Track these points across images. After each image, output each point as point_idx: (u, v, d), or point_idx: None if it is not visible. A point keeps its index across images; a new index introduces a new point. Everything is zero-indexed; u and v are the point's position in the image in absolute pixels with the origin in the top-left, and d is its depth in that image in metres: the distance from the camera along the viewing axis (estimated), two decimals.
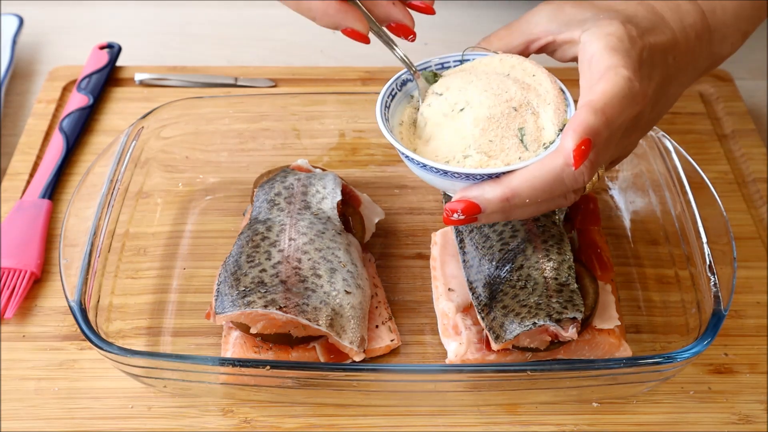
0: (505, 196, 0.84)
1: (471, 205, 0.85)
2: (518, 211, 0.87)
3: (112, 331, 0.99)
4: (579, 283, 0.97)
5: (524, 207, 0.86)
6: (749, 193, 1.19)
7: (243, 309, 0.92)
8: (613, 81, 0.84)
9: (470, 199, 0.85)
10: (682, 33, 0.94)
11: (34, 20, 1.47)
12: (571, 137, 0.81)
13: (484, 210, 0.85)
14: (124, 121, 1.27)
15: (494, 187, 0.85)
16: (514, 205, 0.85)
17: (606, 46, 0.87)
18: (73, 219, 0.99)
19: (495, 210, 0.85)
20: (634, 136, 0.93)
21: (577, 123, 0.82)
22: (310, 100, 1.22)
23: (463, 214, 0.85)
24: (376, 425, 0.95)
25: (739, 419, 0.95)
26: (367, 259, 1.08)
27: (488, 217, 0.86)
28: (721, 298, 0.92)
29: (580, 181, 0.84)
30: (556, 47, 0.94)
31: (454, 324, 0.99)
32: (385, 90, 0.94)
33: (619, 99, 0.83)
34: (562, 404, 0.96)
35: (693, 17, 0.95)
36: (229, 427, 0.94)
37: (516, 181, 0.84)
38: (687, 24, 0.94)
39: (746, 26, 1.00)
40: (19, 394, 0.96)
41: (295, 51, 1.47)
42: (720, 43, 0.98)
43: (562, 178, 0.83)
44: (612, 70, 0.85)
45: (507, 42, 0.96)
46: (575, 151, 0.81)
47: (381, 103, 0.92)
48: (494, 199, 0.84)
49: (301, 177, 1.09)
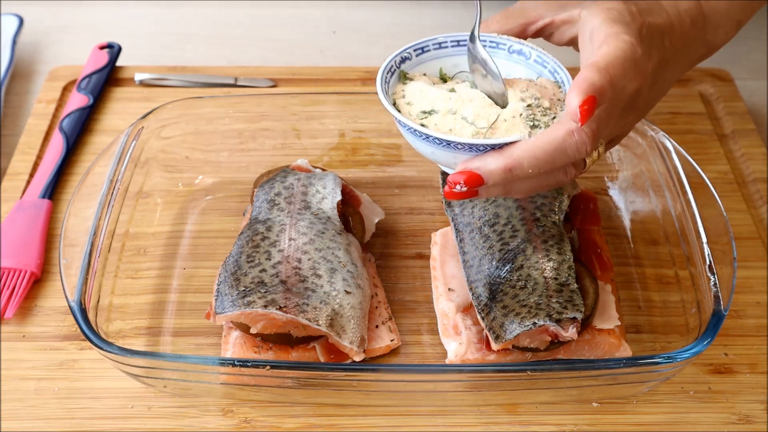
0: (508, 166, 0.84)
1: (473, 176, 0.85)
2: (520, 184, 0.87)
3: (112, 331, 0.99)
4: (579, 283, 0.97)
5: (526, 179, 0.86)
6: (749, 193, 1.19)
7: (243, 309, 0.92)
8: (615, 44, 0.85)
9: (473, 170, 0.85)
10: (678, 17, 0.94)
11: (34, 20, 1.48)
12: (576, 94, 0.81)
13: (487, 181, 0.85)
14: (124, 121, 1.27)
15: (497, 158, 0.85)
16: (516, 176, 0.85)
17: (607, 18, 0.87)
18: (73, 219, 0.99)
19: (497, 181, 0.85)
20: (632, 116, 0.93)
21: (581, 80, 0.82)
22: (310, 100, 1.22)
23: (465, 185, 0.85)
24: (376, 425, 0.95)
25: (739, 419, 0.95)
26: (367, 259, 1.08)
27: (489, 190, 0.86)
28: (721, 298, 0.92)
29: (582, 151, 0.84)
30: (554, 29, 0.95)
31: (454, 324, 0.99)
32: (384, 66, 0.94)
33: (621, 60, 0.84)
34: (562, 404, 0.96)
35: (688, 3, 0.96)
36: (229, 427, 0.94)
37: (518, 151, 0.84)
38: (682, 9, 0.95)
39: (739, 15, 1.00)
40: (19, 394, 0.96)
41: (295, 51, 1.47)
42: (714, 31, 0.99)
43: (565, 147, 0.83)
44: (613, 36, 0.86)
45: (504, 25, 0.96)
46: (581, 108, 0.81)
47: (381, 78, 0.93)
48: (497, 169, 0.84)
49: (301, 177, 1.09)
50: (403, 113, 0.91)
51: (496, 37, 0.96)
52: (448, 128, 0.88)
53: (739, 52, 1.04)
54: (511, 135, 0.86)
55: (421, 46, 0.97)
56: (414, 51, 0.96)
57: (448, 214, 1.08)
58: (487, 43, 0.96)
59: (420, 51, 0.97)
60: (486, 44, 0.96)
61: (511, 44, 0.96)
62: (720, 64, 1.37)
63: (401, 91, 0.94)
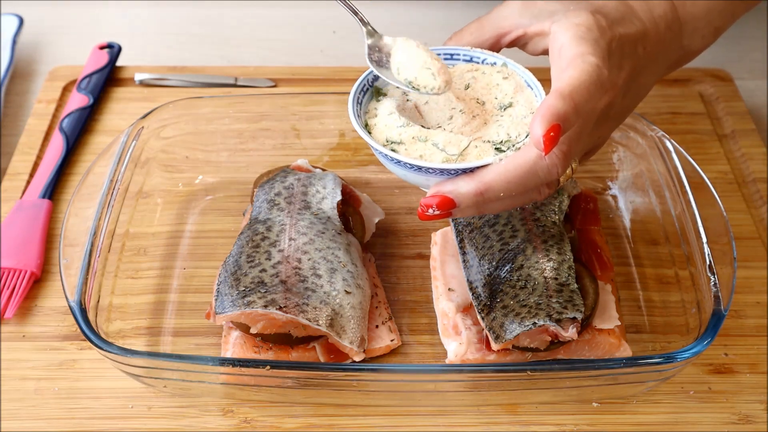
0: (479, 190, 0.84)
1: (445, 200, 0.86)
2: (492, 205, 0.87)
3: (112, 331, 0.99)
4: (579, 283, 0.97)
5: (498, 201, 0.86)
6: (749, 193, 1.19)
7: (243, 309, 0.92)
8: (580, 68, 0.84)
9: (445, 194, 0.86)
10: (652, 23, 0.94)
11: (34, 20, 1.47)
12: (540, 123, 0.81)
13: (459, 204, 0.85)
14: (124, 121, 1.27)
15: (468, 182, 0.85)
16: (488, 199, 0.85)
17: (575, 35, 0.87)
18: (73, 219, 0.99)
19: (469, 204, 0.85)
20: (605, 127, 0.92)
21: (544, 109, 0.81)
22: (310, 100, 1.22)
23: (438, 209, 0.86)
24: (376, 425, 0.95)
25: (739, 419, 0.95)
26: (367, 259, 1.08)
27: (463, 212, 0.87)
28: (721, 298, 0.92)
29: (554, 173, 0.84)
30: (527, 40, 0.95)
31: (454, 324, 0.99)
32: (356, 86, 0.94)
33: (586, 85, 0.83)
34: (562, 404, 0.96)
35: (662, 8, 0.95)
36: (229, 427, 0.94)
37: (489, 176, 0.84)
38: (657, 15, 0.94)
39: (718, 21, 1.00)
40: (19, 394, 0.96)
41: (295, 51, 1.47)
42: (690, 36, 0.98)
43: (536, 170, 0.84)
44: (579, 57, 0.85)
45: (478, 36, 0.96)
46: (545, 137, 0.80)
47: (353, 100, 0.92)
48: (468, 193, 0.85)
49: (301, 177, 1.09)
50: (375, 133, 0.91)
51: (470, 50, 0.96)
52: (419, 154, 0.88)
53: (739, 52, 1.04)
54: (482, 159, 0.86)
55: None
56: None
57: None
58: (461, 56, 0.96)
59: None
60: (460, 57, 0.96)
61: (485, 57, 0.96)
62: (720, 64, 1.37)
63: (374, 110, 0.93)
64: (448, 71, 0.91)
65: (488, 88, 0.93)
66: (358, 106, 0.93)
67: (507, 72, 0.94)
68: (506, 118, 0.90)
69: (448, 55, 0.96)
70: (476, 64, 0.96)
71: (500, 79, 0.93)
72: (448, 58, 0.96)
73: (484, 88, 0.93)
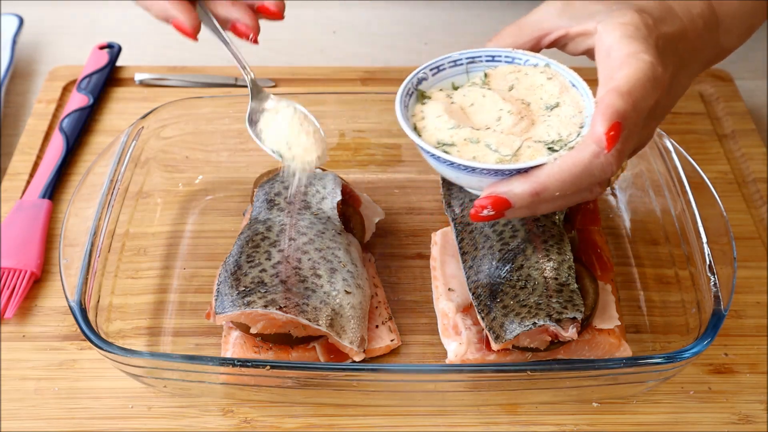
0: (535, 190, 0.84)
1: (500, 200, 0.85)
2: (546, 205, 0.87)
3: (112, 331, 0.99)
4: (579, 283, 0.97)
5: (552, 201, 0.86)
6: (749, 193, 1.19)
7: (243, 309, 0.92)
8: (635, 66, 0.84)
9: (500, 194, 0.85)
10: (691, 23, 0.94)
11: (34, 20, 1.48)
12: (601, 122, 0.81)
13: (514, 205, 0.85)
14: (124, 121, 1.27)
15: (523, 182, 0.85)
16: (542, 199, 0.85)
17: (623, 34, 0.87)
18: (73, 219, 0.99)
19: (524, 205, 0.85)
20: (652, 125, 0.93)
21: (605, 107, 0.82)
22: (310, 100, 1.22)
23: (492, 210, 0.85)
24: (376, 425, 0.95)
25: (739, 419, 0.95)
26: (367, 259, 1.08)
27: (516, 212, 0.87)
28: (721, 298, 0.92)
29: (608, 171, 0.84)
30: (568, 41, 0.95)
31: (454, 324, 0.99)
32: (402, 89, 0.93)
33: (643, 83, 0.84)
34: (562, 404, 0.96)
35: (700, 7, 0.95)
36: (229, 427, 0.94)
37: (544, 176, 0.84)
38: (695, 14, 0.95)
39: (753, 19, 1.00)
40: (19, 394, 0.96)
41: (295, 51, 1.47)
42: (726, 35, 0.98)
43: (591, 169, 0.84)
44: (633, 56, 0.85)
45: (517, 38, 0.96)
46: (607, 135, 0.81)
47: (400, 103, 0.92)
48: (523, 193, 0.85)
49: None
50: (425, 136, 0.90)
51: (511, 51, 0.95)
52: (472, 156, 0.88)
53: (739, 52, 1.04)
54: (536, 159, 0.86)
55: (437, 65, 0.96)
56: (430, 71, 0.96)
57: (448, 214, 1.08)
58: (502, 58, 0.96)
59: (436, 70, 0.96)
60: (501, 59, 0.96)
61: (526, 59, 0.95)
62: (720, 65, 1.36)
63: (420, 113, 0.93)
64: (323, 144, 0.90)
65: (532, 89, 0.93)
66: (405, 109, 0.92)
67: (550, 72, 0.94)
68: (554, 118, 0.90)
69: (489, 57, 0.96)
70: (518, 66, 0.95)
71: (544, 80, 0.93)
72: (489, 60, 0.96)
73: (528, 89, 0.93)
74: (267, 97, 0.95)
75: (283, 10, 0.93)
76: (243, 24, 0.91)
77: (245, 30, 0.91)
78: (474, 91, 0.94)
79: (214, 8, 0.91)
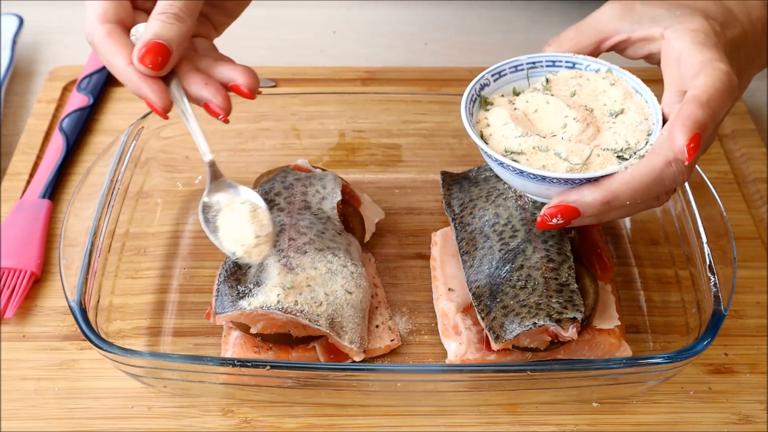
0: (606, 199, 0.84)
1: (570, 209, 0.85)
2: (614, 213, 0.87)
3: (112, 331, 0.99)
4: (579, 283, 0.97)
5: (621, 209, 0.86)
6: (749, 193, 1.19)
7: (243, 309, 0.92)
8: (713, 75, 0.84)
9: (569, 203, 0.85)
10: (751, 26, 0.94)
11: (34, 20, 1.47)
12: (681, 132, 0.81)
13: (583, 213, 0.85)
14: (124, 121, 1.27)
15: (594, 191, 0.85)
16: (612, 208, 0.85)
17: (694, 41, 0.87)
18: (73, 219, 0.99)
19: (594, 213, 0.85)
20: (716, 131, 0.93)
21: (685, 117, 0.81)
22: (310, 100, 1.22)
23: (562, 218, 0.86)
24: (376, 425, 0.95)
25: (739, 419, 0.95)
26: (367, 259, 1.08)
27: (583, 220, 0.87)
28: (721, 298, 0.92)
29: (679, 181, 0.84)
30: (628, 45, 0.94)
31: (454, 324, 0.99)
32: (466, 96, 0.92)
33: (720, 92, 0.83)
34: (562, 404, 0.96)
35: (760, 10, 0.95)
36: (229, 427, 0.94)
37: (616, 184, 0.84)
38: (755, 17, 0.94)
39: None
40: (19, 394, 0.96)
41: (295, 51, 1.47)
42: None
43: (662, 179, 0.84)
44: (709, 64, 0.85)
45: (578, 42, 0.95)
46: (688, 146, 0.81)
47: (466, 110, 0.91)
48: (594, 202, 0.85)
49: (301, 177, 1.09)
50: (492, 143, 0.90)
51: (572, 56, 0.95)
52: (541, 164, 0.87)
53: None
54: (606, 168, 0.86)
55: (499, 70, 0.96)
56: (492, 76, 0.95)
57: (448, 214, 1.08)
58: (563, 63, 0.95)
59: (497, 76, 0.96)
60: (562, 64, 0.95)
61: (588, 63, 0.95)
62: None
63: (485, 119, 0.93)
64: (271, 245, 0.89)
65: (595, 95, 0.93)
66: (470, 116, 0.92)
67: (613, 78, 0.93)
68: (619, 125, 0.89)
69: (549, 62, 0.96)
70: (579, 71, 0.95)
71: (607, 86, 0.93)
72: (550, 65, 0.96)
73: (591, 94, 0.93)
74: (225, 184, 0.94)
75: (254, 92, 0.93)
76: (215, 105, 0.91)
77: (217, 110, 0.91)
78: (537, 97, 0.93)
79: (187, 86, 0.91)
